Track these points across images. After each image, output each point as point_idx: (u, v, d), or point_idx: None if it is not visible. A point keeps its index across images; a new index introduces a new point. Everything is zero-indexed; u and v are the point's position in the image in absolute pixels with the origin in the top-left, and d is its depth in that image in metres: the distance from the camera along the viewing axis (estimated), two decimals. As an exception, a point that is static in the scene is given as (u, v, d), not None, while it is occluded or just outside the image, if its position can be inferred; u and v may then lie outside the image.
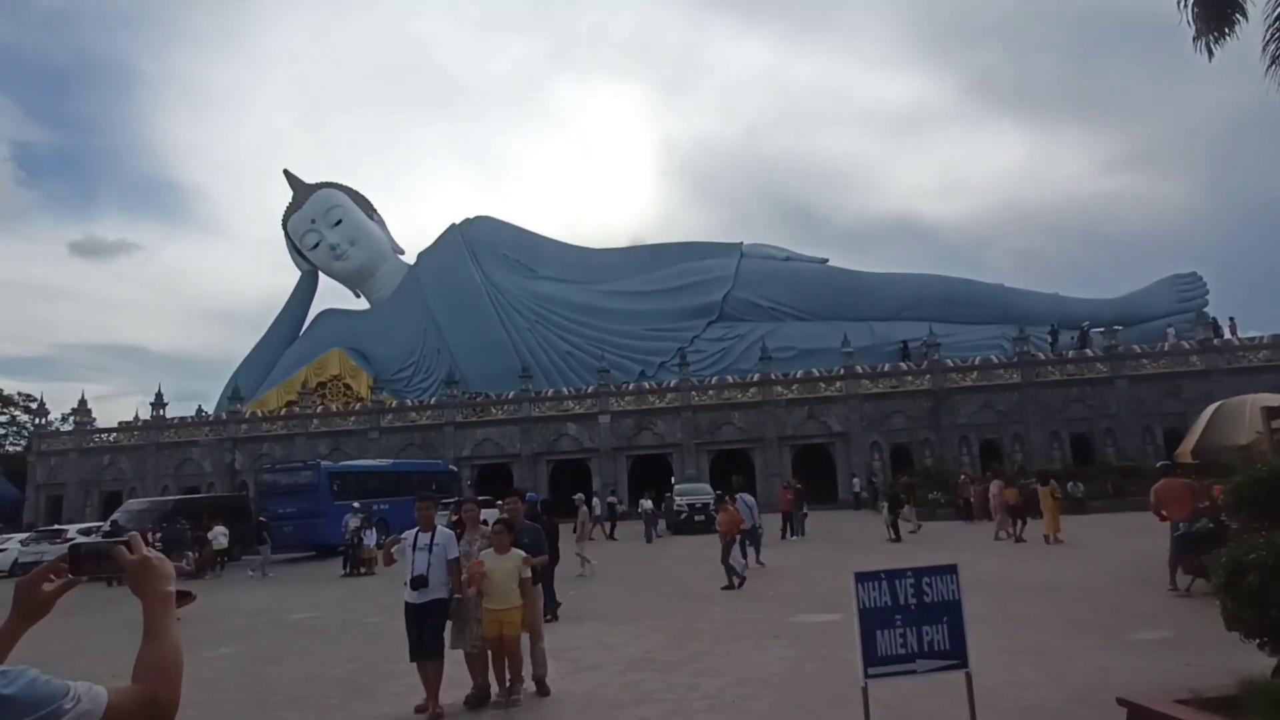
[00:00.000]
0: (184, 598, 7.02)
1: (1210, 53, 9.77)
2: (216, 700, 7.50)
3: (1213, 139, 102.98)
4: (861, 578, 4.35)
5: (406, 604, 6.32)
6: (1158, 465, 11.90)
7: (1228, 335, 39.71)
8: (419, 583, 6.11)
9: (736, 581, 12.68)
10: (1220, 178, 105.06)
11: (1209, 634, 7.76)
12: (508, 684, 6.37)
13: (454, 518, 7.00)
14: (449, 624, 6.28)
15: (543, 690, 6.64)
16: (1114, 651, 7.22)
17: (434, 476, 33.54)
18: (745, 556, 17.12)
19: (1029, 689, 6.09)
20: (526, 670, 6.56)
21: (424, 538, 6.26)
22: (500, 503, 7.01)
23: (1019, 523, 19.28)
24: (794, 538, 21.47)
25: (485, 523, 6.80)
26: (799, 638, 8.66)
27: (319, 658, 9.21)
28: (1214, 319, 40.24)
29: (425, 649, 6.16)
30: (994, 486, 20.83)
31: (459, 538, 6.41)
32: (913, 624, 4.24)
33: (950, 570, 4.32)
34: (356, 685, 7.68)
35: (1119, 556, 14.54)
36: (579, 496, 21.78)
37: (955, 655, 4.20)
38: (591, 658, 8.27)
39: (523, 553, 6.32)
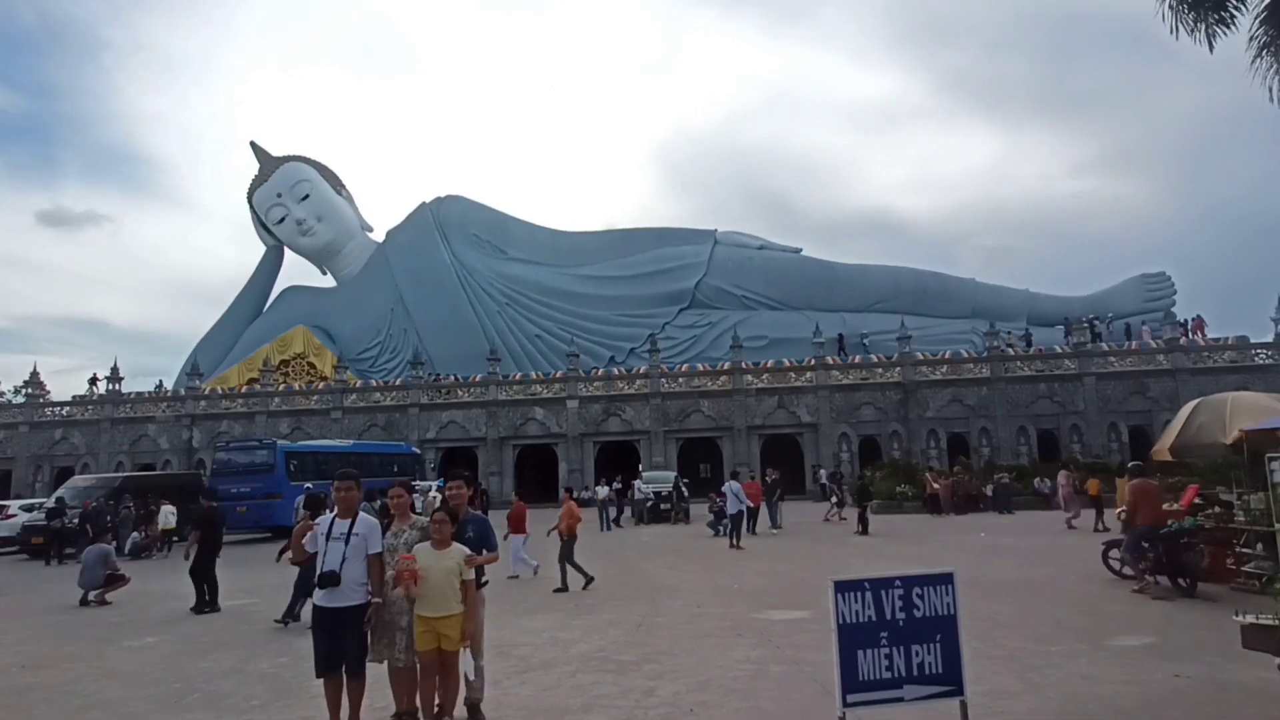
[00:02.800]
0: (117, 580, 6.18)
1: (1210, 45, 9.44)
2: (127, 698, 6.84)
3: (1180, 141, 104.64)
4: (842, 587, 3.69)
5: (314, 607, 5.26)
6: (1129, 465, 11.60)
7: (1193, 335, 40.14)
8: (328, 580, 5.06)
9: (584, 582, 12.03)
10: (1186, 179, 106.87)
11: (1191, 639, 7.45)
12: (436, 708, 5.31)
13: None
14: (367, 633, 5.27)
15: (476, 717, 5.56)
16: (1095, 659, 6.83)
17: (396, 459, 32.71)
18: (735, 538, 17.03)
19: (1009, 701, 5.64)
20: (461, 695, 5.49)
21: (341, 525, 5.21)
22: (447, 485, 6.03)
23: (1097, 514, 19.24)
24: (774, 530, 20.19)
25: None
26: (764, 636, 8.19)
27: (248, 650, 8.55)
28: (1186, 320, 40.70)
29: (345, 661, 5.17)
30: (1062, 476, 21.94)
31: (385, 528, 5.47)
32: (900, 643, 3.61)
33: (945, 579, 3.70)
34: (282, 683, 7.04)
35: (1085, 554, 14.31)
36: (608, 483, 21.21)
37: (949, 680, 3.60)
38: (542, 655, 7.72)
39: (465, 549, 5.34)
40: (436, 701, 5.41)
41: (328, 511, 5.67)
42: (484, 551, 5.64)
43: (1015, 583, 11.31)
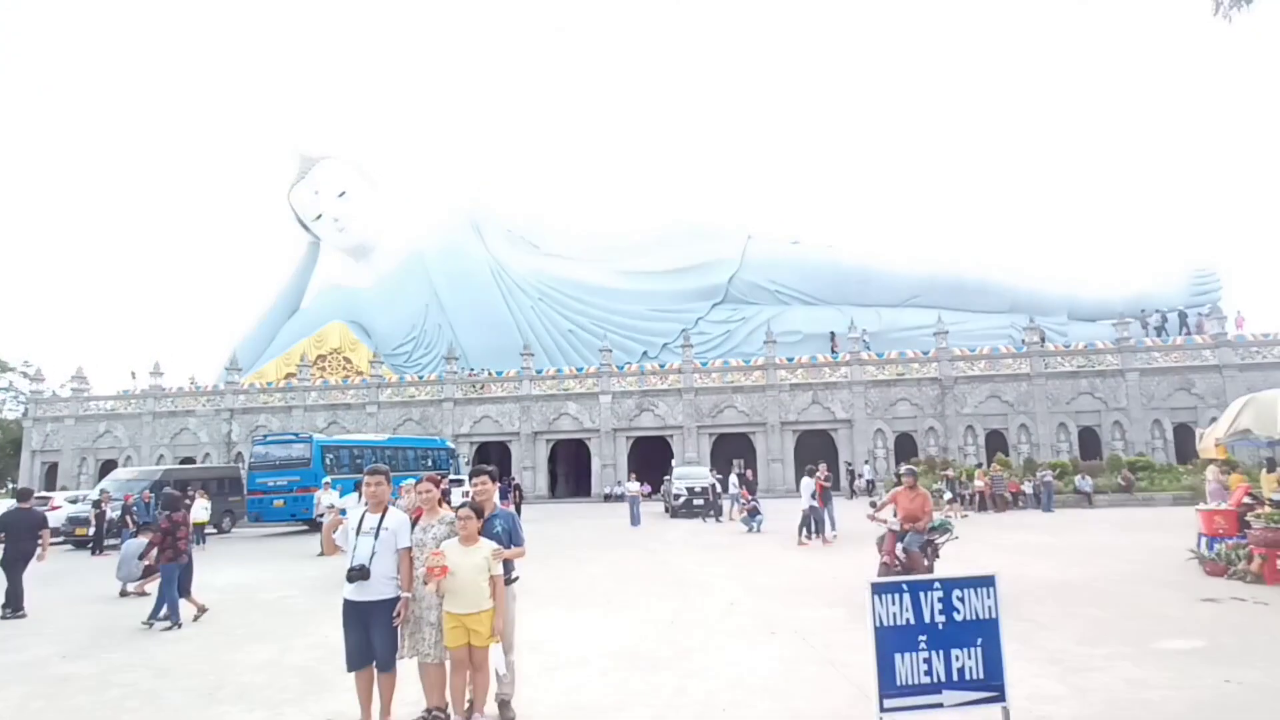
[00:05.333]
0: (153, 572, 6.25)
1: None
2: (163, 689, 6.96)
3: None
4: (879, 589, 3.58)
5: (345, 601, 5.26)
6: (899, 471, 10.75)
7: (1237, 330, 38.91)
8: (358, 574, 5.08)
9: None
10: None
11: (1243, 644, 7.18)
12: (467, 705, 5.31)
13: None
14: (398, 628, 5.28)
15: (506, 714, 5.54)
16: (1141, 662, 6.61)
17: (431, 453, 33.08)
18: (806, 534, 17.08)
19: (1051, 705, 5.48)
20: (491, 690, 5.47)
21: (371, 519, 5.24)
22: (473, 481, 6.00)
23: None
24: (834, 534, 17.49)
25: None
26: (798, 635, 8.08)
27: (283, 643, 8.66)
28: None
29: (375, 657, 5.19)
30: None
31: (414, 524, 5.44)
32: (940, 646, 3.49)
33: (987, 582, 3.57)
34: (316, 676, 7.11)
35: (1132, 554, 13.93)
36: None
37: (990, 686, 3.47)
38: (574, 651, 7.71)
39: (493, 543, 5.33)
40: (468, 697, 5.41)
41: (322, 501, 5.73)
42: (511, 546, 5.62)
43: (1057, 583, 11.03)
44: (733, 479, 25.16)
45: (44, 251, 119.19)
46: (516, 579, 5.98)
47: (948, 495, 24.20)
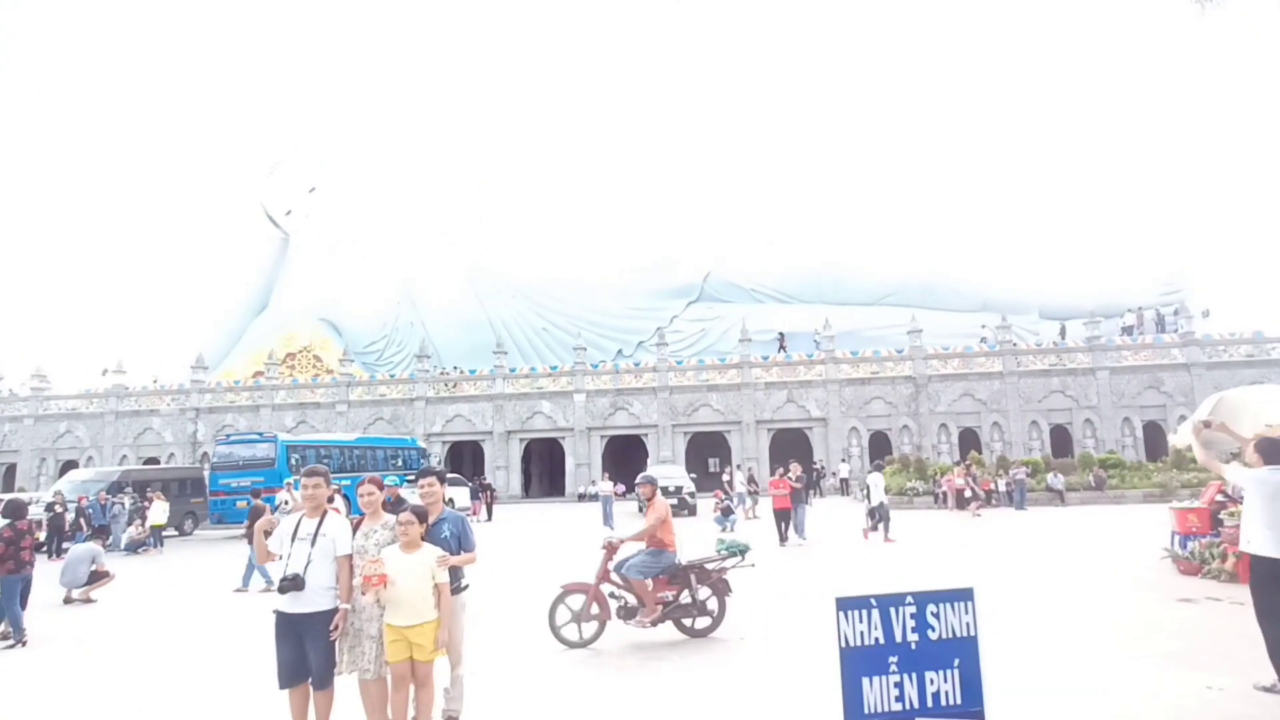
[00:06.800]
0: (101, 577, 5.64)
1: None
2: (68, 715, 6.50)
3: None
4: (846, 604, 3.21)
5: (276, 613, 4.87)
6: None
7: (1202, 329, 39.45)
8: (292, 584, 4.68)
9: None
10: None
11: (1221, 648, 7.00)
12: None
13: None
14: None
15: None
16: (1118, 668, 6.40)
17: (401, 452, 32.49)
18: (802, 532, 16.75)
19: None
20: (438, 708, 5.16)
21: (308, 524, 4.86)
22: (419, 483, 5.61)
23: None
24: (801, 540, 16.79)
25: (451, 502, 5.59)
26: (763, 648, 7.78)
27: (226, 652, 8.22)
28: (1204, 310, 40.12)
29: (310, 673, 4.78)
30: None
31: (355, 528, 5.06)
32: (913, 669, 3.15)
33: (964, 596, 3.21)
34: (256, 691, 6.69)
35: (1105, 552, 13.85)
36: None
37: (969, 712, 3.13)
38: (529, 662, 7.35)
39: (439, 550, 4.97)
40: (411, 715, 5.05)
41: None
42: (461, 552, 5.26)
43: (1031, 583, 10.87)
44: (739, 478, 24.80)
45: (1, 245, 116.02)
46: (466, 587, 5.62)
47: (969, 494, 23.98)
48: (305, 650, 4.79)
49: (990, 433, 36.70)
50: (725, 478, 25.90)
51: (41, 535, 20.23)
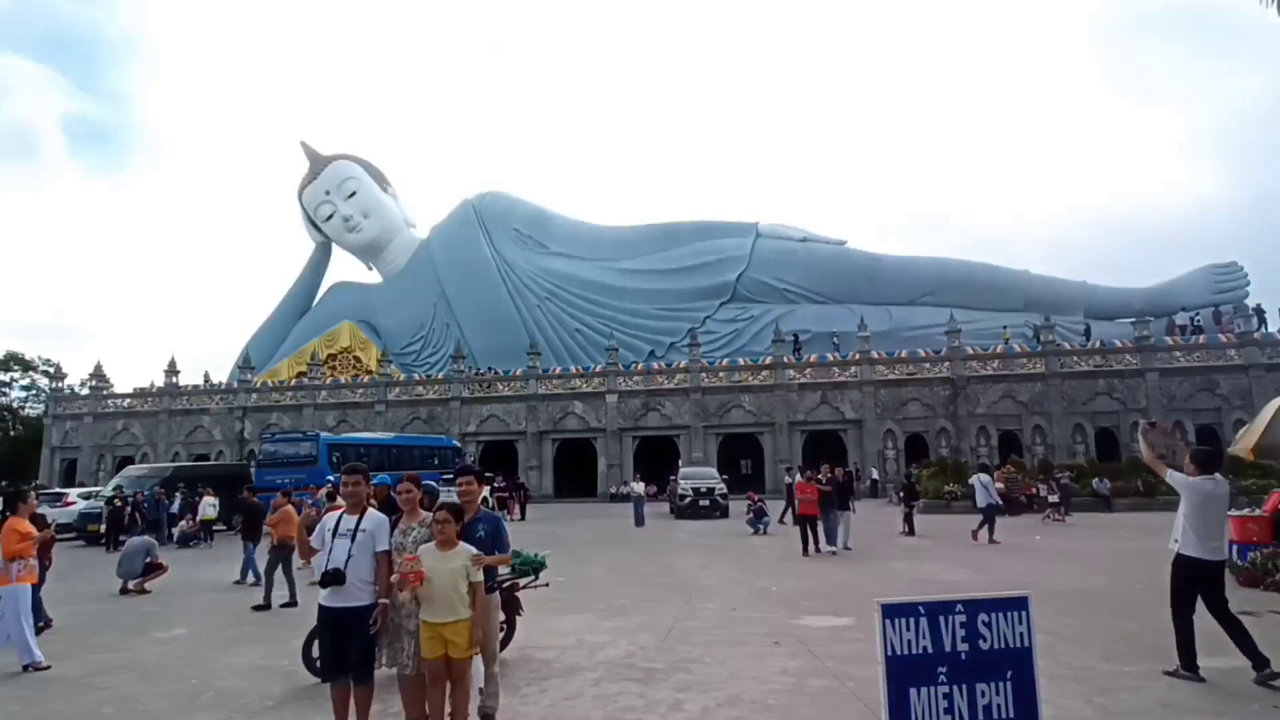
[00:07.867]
0: (155, 570, 5.77)
1: None
2: (142, 694, 6.65)
3: (1251, 128, 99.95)
4: (891, 611, 3.04)
5: (320, 607, 4.94)
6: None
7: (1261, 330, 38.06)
8: (333, 579, 4.76)
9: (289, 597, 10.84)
10: (1257, 168, 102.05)
11: (1283, 661, 6.67)
12: (447, 718, 4.95)
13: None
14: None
15: None
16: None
17: (437, 451, 32.86)
18: (833, 540, 15.45)
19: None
20: (474, 704, 5.10)
21: (348, 521, 4.94)
22: (457, 481, 5.60)
23: None
24: (831, 550, 15.35)
25: (486, 502, 5.60)
26: (803, 645, 7.66)
27: (275, 645, 8.34)
28: (1260, 307, 38.47)
29: (352, 666, 4.82)
30: None
31: (393, 526, 5.09)
32: (963, 680, 2.99)
33: (1019, 604, 3.04)
34: (300, 682, 6.77)
35: (1156, 560, 13.38)
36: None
37: None
38: (566, 660, 7.32)
39: (473, 549, 4.94)
40: (448, 712, 5.04)
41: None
42: (495, 552, 5.25)
43: (1078, 592, 10.55)
44: (787, 480, 24.46)
45: (63, 251, 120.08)
46: (500, 585, 5.61)
47: (1053, 498, 23.35)
48: (347, 645, 4.85)
49: (1032, 436, 35.89)
50: (786, 480, 25.40)
51: (102, 528, 20.83)
